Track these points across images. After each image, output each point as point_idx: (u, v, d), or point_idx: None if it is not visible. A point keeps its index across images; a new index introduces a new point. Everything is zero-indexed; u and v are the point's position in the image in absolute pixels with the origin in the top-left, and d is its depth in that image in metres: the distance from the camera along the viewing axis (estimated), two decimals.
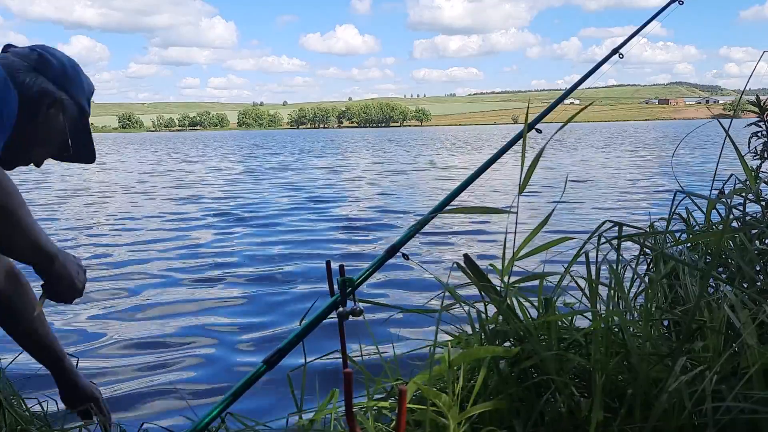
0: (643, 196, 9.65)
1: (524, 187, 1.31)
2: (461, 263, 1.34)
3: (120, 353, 3.29)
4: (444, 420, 1.07)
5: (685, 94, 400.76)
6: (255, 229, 7.32)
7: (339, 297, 1.34)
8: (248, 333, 3.61)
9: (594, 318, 1.21)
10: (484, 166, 1.66)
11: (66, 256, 1.41)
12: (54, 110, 1.48)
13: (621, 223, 1.39)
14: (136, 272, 5.18)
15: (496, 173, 2.30)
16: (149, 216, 8.65)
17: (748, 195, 1.67)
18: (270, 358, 1.33)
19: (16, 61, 1.45)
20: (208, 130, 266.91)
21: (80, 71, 1.58)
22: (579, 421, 1.11)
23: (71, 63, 1.56)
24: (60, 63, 1.51)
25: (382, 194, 10.87)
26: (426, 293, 4.23)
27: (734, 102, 4.12)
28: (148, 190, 12.40)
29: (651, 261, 1.67)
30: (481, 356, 1.13)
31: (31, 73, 1.45)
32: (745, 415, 1.00)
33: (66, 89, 1.51)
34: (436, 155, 25.09)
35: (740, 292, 1.25)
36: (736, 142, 1.60)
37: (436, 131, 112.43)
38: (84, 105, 1.57)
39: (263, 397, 2.49)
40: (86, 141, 1.59)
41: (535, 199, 9.10)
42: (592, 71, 1.84)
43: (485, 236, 6.37)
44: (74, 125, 1.55)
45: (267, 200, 10.10)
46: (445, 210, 1.48)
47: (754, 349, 1.08)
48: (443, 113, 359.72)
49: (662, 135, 47.95)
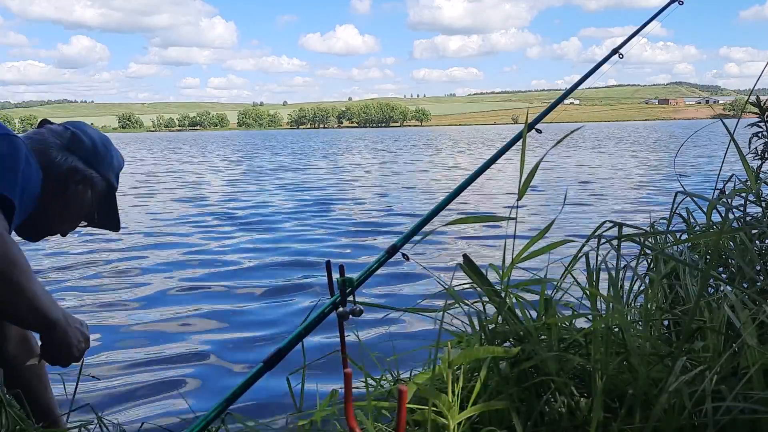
0: (644, 197, 9.65)
1: (523, 192, 1.31)
2: (462, 263, 1.34)
3: (120, 353, 3.29)
4: (444, 420, 1.07)
5: (685, 94, 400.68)
6: (256, 232, 7.31)
7: (339, 297, 1.34)
8: (249, 333, 3.61)
9: (594, 318, 1.21)
10: (484, 167, 1.66)
11: (68, 322, 1.41)
12: (82, 187, 1.58)
13: (621, 223, 1.39)
14: (136, 270, 5.18)
15: (500, 174, 2.31)
16: (153, 217, 8.65)
17: (749, 195, 1.67)
18: (270, 357, 1.33)
19: (49, 139, 1.55)
20: (208, 130, 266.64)
21: (111, 147, 1.68)
22: (579, 421, 1.11)
23: (103, 140, 1.66)
24: (91, 141, 1.62)
25: (383, 195, 10.87)
26: (426, 293, 4.23)
27: (735, 102, 4.08)
28: (148, 192, 12.40)
29: (651, 261, 1.67)
30: (481, 356, 1.13)
31: (63, 152, 1.55)
32: (745, 415, 1.00)
33: (95, 167, 1.61)
34: (436, 155, 25.09)
35: (740, 292, 1.25)
36: (737, 141, 1.60)
37: (437, 131, 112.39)
38: (113, 181, 1.67)
39: (263, 397, 2.49)
40: (112, 213, 1.70)
41: (536, 200, 9.10)
42: (592, 71, 1.84)
43: (486, 236, 6.37)
44: (101, 200, 1.65)
45: (268, 203, 10.07)
46: (447, 223, 1.47)
47: (754, 349, 1.08)
48: (443, 113, 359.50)
49: (663, 135, 47.95)
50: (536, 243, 1.30)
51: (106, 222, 1.71)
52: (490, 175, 1.73)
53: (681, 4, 1.87)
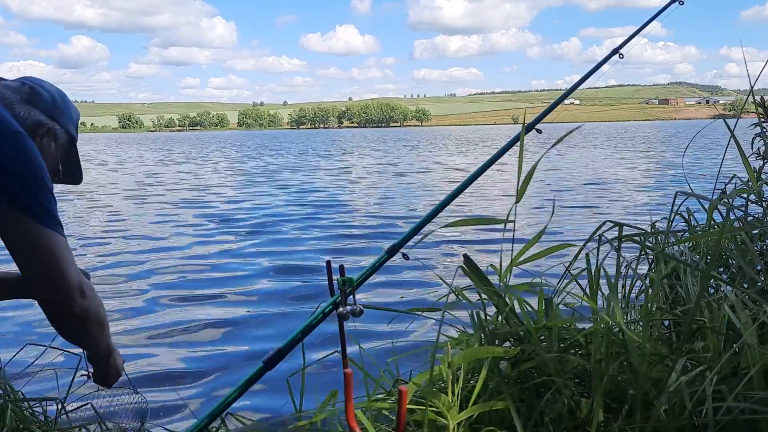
0: (646, 197, 9.65)
1: (521, 195, 1.30)
2: (462, 264, 1.33)
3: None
4: (443, 420, 1.07)
5: (685, 94, 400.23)
6: (257, 234, 7.31)
7: (339, 297, 1.34)
8: (248, 333, 3.61)
9: (594, 319, 1.21)
10: (483, 168, 1.66)
11: (117, 350, 1.67)
12: (47, 139, 1.59)
13: (621, 223, 1.39)
14: (138, 270, 5.18)
15: (502, 174, 2.31)
16: (153, 221, 8.65)
17: (750, 195, 1.67)
18: (270, 358, 1.33)
19: (9, 94, 1.54)
20: (208, 130, 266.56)
21: (68, 101, 1.69)
22: (579, 421, 1.11)
23: (60, 94, 1.67)
24: (50, 95, 1.62)
25: (386, 196, 10.86)
26: (426, 293, 4.23)
27: (735, 102, 4.06)
28: (147, 194, 12.39)
29: (652, 261, 1.66)
30: (481, 357, 1.13)
31: (26, 106, 1.55)
32: (745, 415, 1.00)
33: (56, 119, 1.62)
34: (439, 155, 25.09)
35: (740, 292, 1.25)
36: (739, 141, 1.60)
37: (437, 131, 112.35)
38: (72, 132, 1.69)
39: (263, 397, 2.49)
40: (75, 164, 1.71)
41: (537, 199, 9.10)
42: (593, 71, 1.84)
43: (486, 240, 6.37)
44: (64, 151, 1.66)
45: (270, 204, 10.05)
46: (446, 225, 1.47)
47: (754, 349, 1.08)
48: (443, 113, 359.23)
49: (663, 135, 47.91)
50: (535, 245, 1.30)
51: (70, 174, 1.71)
52: (490, 175, 1.72)
53: (681, 4, 1.87)
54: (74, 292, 1.40)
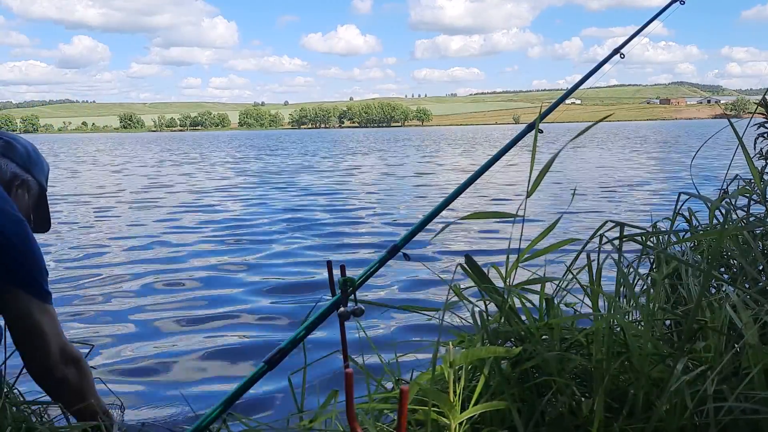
0: (647, 197, 9.63)
1: (533, 191, 1.30)
2: (463, 264, 1.33)
3: (120, 353, 3.29)
4: (445, 420, 1.07)
5: (686, 94, 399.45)
6: (257, 235, 7.31)
7: (340, 297, 1.34)
8: (248, 333, 3.61)
9: (595, 318, 1.21)
10: (486, 166, 1.66)
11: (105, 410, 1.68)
12: (21, 191, 1.71)
13: (622, 223, 1.38)
14: (136, 271, 5.18)
15: (503, 174, 2.30)
16: (153, 224, 8.65)
17: (753, 195, 1.66)
18: (271, 357, 1.33)
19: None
20: (210, 130, 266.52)
21: (39, 154, 1.81)
22: (580, 421, 1.11)
23: (32, 147, 1.79)
24: (24, 148, 1.74)
25: (387, 197, 10.86)
26: (427, 293, 4.23)
27: (736, 102, 4.06)
28: (147, 197, 12.39)
29: (654, 261, 1.66)
30: (482, 356, 1.13)
31: (3, 158, 1.67)
32: (746, 415, 1.00)
33: (30, 171, 1.73)
34: (442, 155, 25.08)
35: (742, 292, 1.25)
36: (743, 141, 1.59)
37: (438, 131, 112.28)
38: (43, 183, 1.79)
39: (264, 397, 2.49)
40: (44, 214, 1.82)
41: (539, 200, 9.09)
42: (594, 71, 1.84)
43: (488, 236, 6.37)
44: (35, 201, 1.77)
45: (270, 205, 10.05)
46: (446, 225, 1.47)
47: (755, 349, 1.08)
48: (444, 113, 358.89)
49: (665, 135, 47.85)
50: (539, 243, 1.30)
51: (40, 223, 1.81)
52: (491, 176, 1.73)
53: (682, 4, 1.87)
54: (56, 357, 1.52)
